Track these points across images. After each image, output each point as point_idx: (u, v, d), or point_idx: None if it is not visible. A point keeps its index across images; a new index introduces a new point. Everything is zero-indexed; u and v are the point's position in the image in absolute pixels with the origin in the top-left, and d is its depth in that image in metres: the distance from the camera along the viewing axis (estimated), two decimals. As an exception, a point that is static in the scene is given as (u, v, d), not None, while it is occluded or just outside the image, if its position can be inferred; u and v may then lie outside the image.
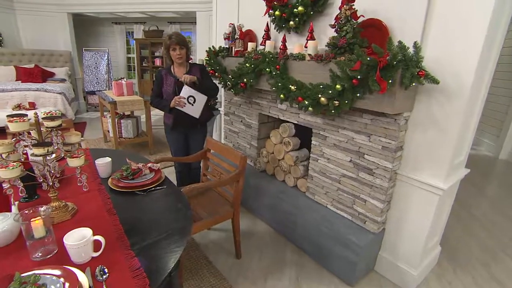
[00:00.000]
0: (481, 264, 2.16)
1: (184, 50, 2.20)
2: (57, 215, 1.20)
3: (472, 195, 3.25)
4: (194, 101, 2.24)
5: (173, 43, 2.15)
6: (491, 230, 2.60)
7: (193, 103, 2.24)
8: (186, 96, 2.21)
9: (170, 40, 2.16)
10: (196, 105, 2.26)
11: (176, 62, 2.26)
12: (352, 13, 1.63)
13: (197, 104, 2.26)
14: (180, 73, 2.29)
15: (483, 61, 1.44)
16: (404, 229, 1.85)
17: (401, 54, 1.39)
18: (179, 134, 2.44)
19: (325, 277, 1.98)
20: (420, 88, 1.60)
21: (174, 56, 2.20)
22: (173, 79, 2.28)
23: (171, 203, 1.42)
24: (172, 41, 2.15)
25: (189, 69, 2.32)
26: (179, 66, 2.29)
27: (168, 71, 2.31)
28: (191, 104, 2.24)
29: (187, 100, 2.22)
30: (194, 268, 1.97)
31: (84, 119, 6.01)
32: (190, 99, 2.22)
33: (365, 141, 1.79)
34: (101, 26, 7.55)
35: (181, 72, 2.29)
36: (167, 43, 2.18)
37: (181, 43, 2.17)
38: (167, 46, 2.19)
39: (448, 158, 1.58)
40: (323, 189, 2.14)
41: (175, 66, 2.31)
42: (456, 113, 1.50)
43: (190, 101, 2.23)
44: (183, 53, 2.20)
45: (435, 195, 1.66)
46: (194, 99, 2.23)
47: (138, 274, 0.92)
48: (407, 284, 1.89)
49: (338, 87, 1.55)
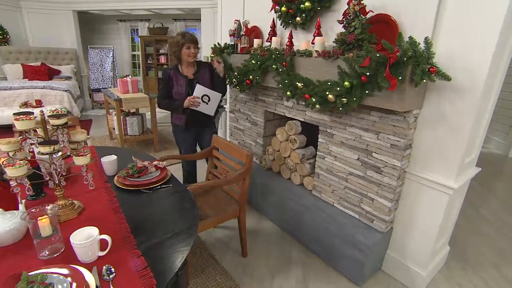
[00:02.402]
0: (491, 264, 2.12)
1: (197, 49, 2.19)
2: (63, 213, 1.20)
3: (481, 194, 3.20)
4: (209, 100, 2.20)
5: (188, 41, 2.13)
6: (501, 230, 2.55)
7: (208, 102, 2.21)
8: (200, 95, 2.17)
9: (184, 38, 2.12)
10: (211, 103, 2.22)
11: (187, 61, 2.21)
12: (360, 8, 1.60)
13: (212, 102, 2.22)
14: (189, 72, 2.26)
15: (497, 56, 1.40)
16: (412, 229, 1.82)
17: (412, 50, 1.36)
18: (189, 134, 2.41)
19: (332, 276, 1.96)
20: (430, 85, 1.56)
21: (186, 54, 2.16)
22: (184, 79, 2.23)
23: (177, 201, 1.41)
24: (187, 39, 2.12)
25: (197, 68, 2.29)
26: (188, 65, 2.26)
27: (176, 71, 2.26)
28: (206, 102, 2.20)
29: (201, 99, 2.18)
30: (200, 266, 1.96)
31: (90, 116, 6.04)
32: (205, 98, 2.19)
33: (373, 139, 1.76)
34: (106, 24, 7.57)
35: (190, 72, 2.26)
36: (181, 41, 2.13)
37: (196, 42, 2.16)
38: (180, 44, 2.14)
39: (459, 157, 1.54)
40: (330, 187, 2.11)
41: (184, 66, 2.26)
42: (468, 110, 1.46)
43: (205, 100, 2.19)
44: (196, 52, 2.18)
45: (445, 194, 1.63)
46: (208, 97, 2.19)
47: (145, 274, 0.91)
48: (415, 285, 1.86)
49: (347, 84, 1.52)
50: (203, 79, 2.27)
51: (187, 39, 2.12)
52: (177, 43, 2.15)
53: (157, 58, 7.28)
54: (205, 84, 2.22)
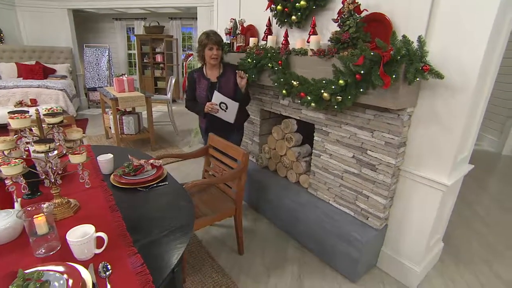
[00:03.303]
0: (484, 261, 2.15)
1: (220, 51, 2.08)
2: (59, 211, 1.20)
3: (475, 191, 3.24)
4: (226, 108, 2.10)
5: (212, 42, 2.01)
6: (494, 227, 2.58)
7: (226, 109, 2.11)
8: (217, 102, 2.08)
9: (208, 39, 2.01)
10: (229, 111, 2.11)
11: (209, 63, 2.11)
12: (355, 7, 1.61)
13: (230, 110, 2.11)
14: (213, 75, 2.16)
15: (488, 55, 1.42)
16: (407, 225, 1.84)
17: (405, 48, 1.37)
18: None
19: (327, 273, 1.98)
20: (424, 83, 1.58)
21: (209, 55, 2.06)
22: (206, 82, 2.15)
23: (173, 199, 1.41)
24: (210, 40, 2.01)
25: (223, 70, 2.18)
26: (212, 67, 2.15)
27: (200, 73, 2.18)
28: (224, 110, 2.11)
29: (219, 106, 2.09)
30: (197, 264, 1.97)
31: (86, 115, 6.01)
32: (222, 105, 2.09)
33: (368, 136, 1.77)
34: (102, 22, 7.52)
35: (214, 75, 2.16)
36: (204, 42, 2.03)
37: (219, 43, 2.05)
38: (203, 44, 2.04)
39: (452, 154, 1.57)
40: (325, 185, 2.13)
41: (208, 68, 2.17)
42: (461, 108, 1.48)
43: (223, 107, 2.09)
44: (219, 54, 2.08)
45: (439, 191, 1.65)
46: (226, 105, 2.09)
47: (141, 270, 0.92)
48: (409, 281, 1.89)
49: (341, 82, 1.54)
50: (226, 84, 2.14)
51: (211, 39, 2.01)
52: (200, 43, 2.06)
53: (153, 57, 7.25)
54: (228, 91, 2.11)
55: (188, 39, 7.68)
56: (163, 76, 7.34)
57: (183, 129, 5.19)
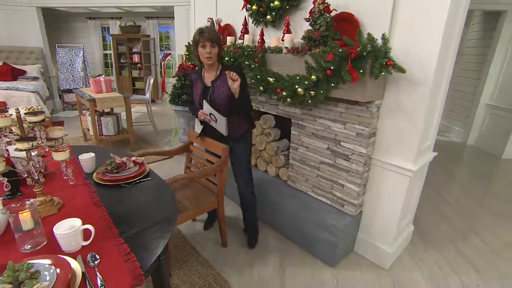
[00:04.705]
0: (450, 241, 2.34)
1: (216, 49, 1.80)
2: (43, 209, 1.21)
3: (443, 178, 3.47)
4: (216, 120, 1.85)
5: (204, 38, 1.75)
6: (460, 211, 2.80)
7: (216, 121, 1.86)
8: (207, 113, 1.85)
9: (200, 35, 1.77)
10: (219, 123, 1.86)
11: (205, 64, 1.84)
12: (325, 7, 1.72)
13: (219, 122, 1.85)
14: (208, 78, 1.89)
15: (444, 50, 1.57)
16: (379, 210, 1.98)
17: (370, 45, 1.49)
18: None
19: (308, 260, 2.09)
20: (390, 78, 1.71)
21: (202, 54, 1.79)
22: (200, 86, 1.91)
23: (156, 194, 1.46)
24: (203, 36, 1.75)
25: (219, 72, 1.87)
26: (209, 69, 1.88)
27: (198, 75, 1.94)
28: (214, 121, 1.87)
29: (210, 117, 1.86)
30: (182, 258, 2.02)
31: (61, 118, 5.84)
32: (212, 117, 1.85)
33: (340, 128, 1.89)
34: (74, 22, 7.29)
35: (210, 77, 1.88)
36: (196, 38, 1.79)
37: (214, 40, 1.77)
38: (196, 41, 1.80)
39: (416, 142, 1.71)
40: (303, 176, 2.24)
41: (206, 70, 1.91)
42: (421, 100, 1.62)
43: (213, 118, 1.86)
44: (214, 53, 1.79)
45: (406, 176, 1.79)
46: (214, 117, 1.84)
47: (128, 258, 0.97)
48: (383, 262, 2.03)
49: (314, 77, 1.64)
50: (219, 90, 1.84)
51: (204, 35, 1.75)
52: (194, 40, 1.82)
53: (130, 57, 7.13)
54: (222, 97, 1.82)
55: (165, 39, 7.61)
56: (141, 76, 7.24)
57: (163, 129, 5.16)
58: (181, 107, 3.63)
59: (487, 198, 3.07)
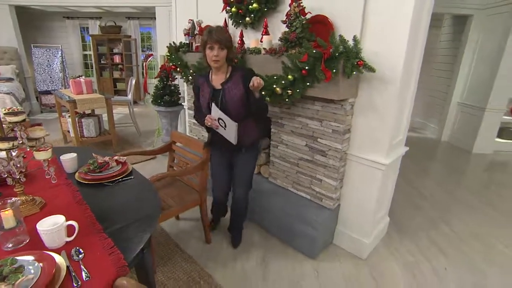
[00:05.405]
0: (423, 231, 2.48)
1: (225, 51, 1.68)
2: (24, 208, 1.22)
3: (418, 173, 3.65)
4: (225, 126, 1.73)
5: (212, 40, 1.63)
6: (433, 203, 2.96)
7: (225, 127, 1.73)
8: (216, 118, 1.72)
9: (208, 36, 1.64)
10: (228, 130, 1.73)
11: (212, 66, 1.74)
12: (300, 10, 1.80)
13: (229, 129, 1.73)
14: (217, 81, 1.77)
15: (410, 52, 1.68)
16: (355, 203, 2.08)
17: (342, 46, 1.58)
18: (222, 153, 1.97)
19: (289, 254, 2.16)
20: (362, 77, 1.81)
21: (209, 57, 1.68)
22: (208, 90, 1.78)
23: (139, 191, 1.48)
24: (210, 38, 1.63)
25: (229, 75, 1.75)
26: (217, 71, 1.77)
27: (205, 78, 1.81)
28: (223, 127, 1.74)
29: (218, 122, 1.73)
30: (166, 255, 2.05)
31: (39, 120, 5.68)
32: (221, 122, 1.72)
33: (317, 126, 1.98)
34: (51, 21, 7.09)
35: (219, 80, 1.76)
36: (205, 39, 1.67)
37: (223, 42, 1.65)
38: (203, 43, 1.69)
39: (387, 138, 1.82)
40: (284, 173, 2.32)
41: (213, 72, 1.79)
42: (391, 98, 1.73)
43: (221, 124, 1.72)
44: (222, 55, 1.67)
45: (379, 170, 1.90)
46: (224, 122, 1.72)
47: (113, 251, 1.00)
48: (360, 252, 2.13)
49: (290, 77, 1.72)
50: (231, 92, 1.72)
51: (211, 37, 1.63)
52: (202, 42, 1.71)
53: (111, 58, 7.02)
54: (235, 100, 1.72)
55: (147, 39, 7.54)
56: (123, 77, 7.14)
57: (145, 130, 5.13)
58: (164, 108, 3.64)
59: (458, 190, 3.26)
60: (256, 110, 1.76)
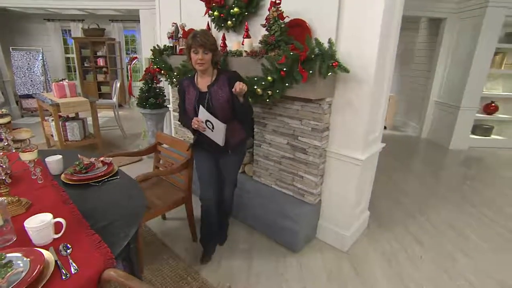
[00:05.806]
0: (402, 224, 2.60)
1: (209, 55, 1.68)
2: (10, 209, 1.24)
3: (398, 169, 3.81)
4: (213, 127, 1.73)
5: (196, 44, 1.63)
6: (411, 197, 3.10)
7: (212, 129, 1.73)
8: (203, 120, 1.72)
9: (193, 40, 1.65)
10: (216, 131, 1.73)
11: (197, 69, 1.75)
12: (279, 14, 1.89)
13: (217, 131, 1.73)
14: (203, 84, 1.78)
15: (382, 53, 1.80)
16: (335, 198, 2.18)
17: (318, 49, 1.68)
18: (208, 154, 1.94)
19: (274, 249, 2.24)
20: (339, 77, 1.91)
21: (194, 60, 1.69)
22: (194, 93, 1.78)
23: (125, 190, 1.52)
24: (195, 41, 1.64)
25: (215, 78, 1.76)
26: (202, 74, 1.78)
27: (191, 81, 1.82)
28: (210, 129, 1.74)
29: (205, 124, 1.73)
30: (153, 254, 2.09)
31: (20, 125, 5.56)
32: (208, 124, 1.72)
33: (298, 124, 2.07)
34: (31, 23, 6.94)
35: (205, 83, 1.77)
36: (189, 43, 1.67)
37: (207, 46, 1.65)
38: (188, 46, 1.70)
39: (363, 134, 1.93)
40: (267, 171, 2.40)
41: (199, 75, 1.80)
42: (365, 96, 1.84)
43: (209, 126, 1.73)
44: (207, 59, 1.68)
45: (356, 165, 2.00)
46: (212, 124, 1.72)
47: (100, 246, 1.05)
48: (342, 245, 2.23)
49: (270, 78, 1.80)
50: (217, 95, 1.73)
51: (196, 40, 1.64)
52: (187, 45, 1.71)
53: (95, 61, 6.95)
54: (221, 102, 1.73)
55: (131, 42, 7.50)
56: (107, 80, 7.08)
57: (131, 132, 5.12)
58: (149, 110, 3.66)
59: (435, 184, 3.42)
60: (241, 115, 1.80)
